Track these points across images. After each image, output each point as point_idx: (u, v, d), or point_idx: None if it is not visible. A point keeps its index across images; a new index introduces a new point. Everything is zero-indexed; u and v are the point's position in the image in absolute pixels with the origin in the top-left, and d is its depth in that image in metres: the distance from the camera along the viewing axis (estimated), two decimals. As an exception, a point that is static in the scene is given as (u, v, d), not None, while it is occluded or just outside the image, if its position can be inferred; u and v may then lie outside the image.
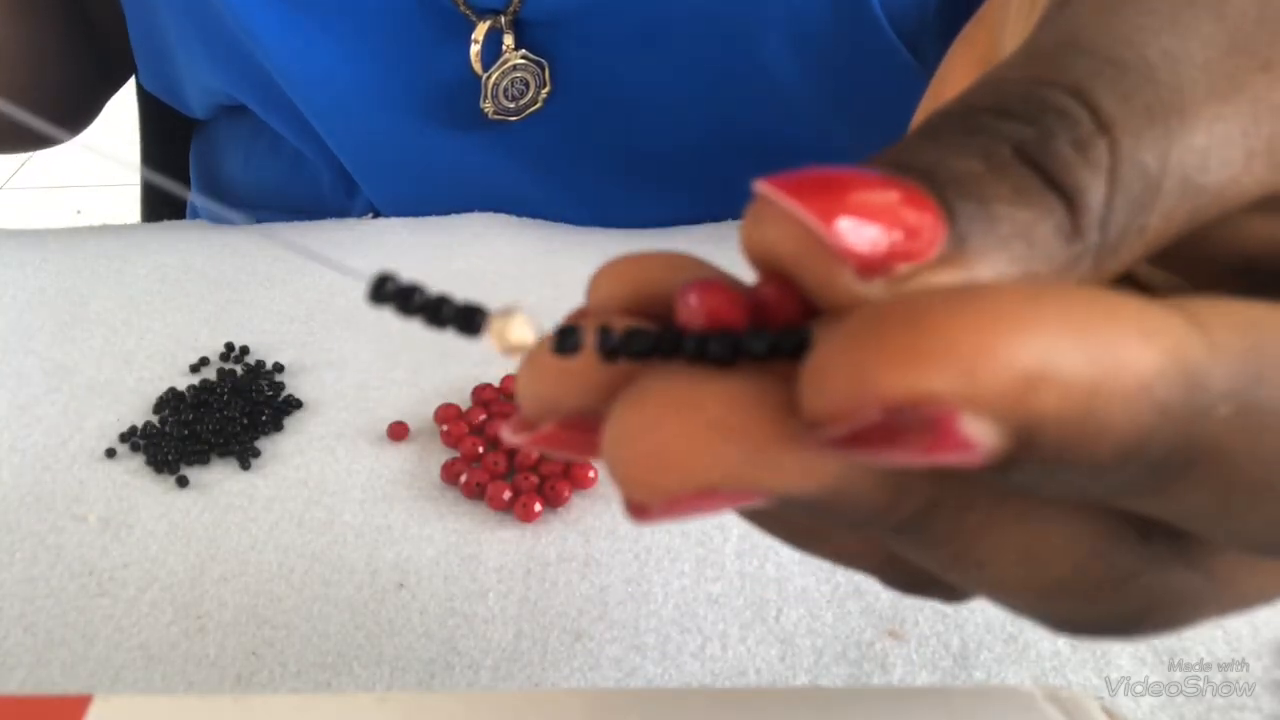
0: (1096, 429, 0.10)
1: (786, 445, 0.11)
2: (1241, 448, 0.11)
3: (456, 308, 0.12)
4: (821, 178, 0.11)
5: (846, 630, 0.28)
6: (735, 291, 0.12)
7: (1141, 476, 0.11)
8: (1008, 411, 0.10)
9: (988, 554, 0.13)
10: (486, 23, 0.40)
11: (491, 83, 0.41)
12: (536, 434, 0.13)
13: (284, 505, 0.33)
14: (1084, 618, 0.14)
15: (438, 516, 0.32)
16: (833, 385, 0.10)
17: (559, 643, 0.29)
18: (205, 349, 0.39)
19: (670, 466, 0.11)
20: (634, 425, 0.11)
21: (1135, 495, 0.11)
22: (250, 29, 0.41)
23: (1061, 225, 0.12)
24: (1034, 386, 0.10)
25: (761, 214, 0.12)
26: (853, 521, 0.12)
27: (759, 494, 0.11)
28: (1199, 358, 0.10)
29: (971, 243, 0.11)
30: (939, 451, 0.10)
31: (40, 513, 0.33)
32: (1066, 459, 0.10)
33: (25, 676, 0.28)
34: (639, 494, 0.11)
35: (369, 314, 0.41)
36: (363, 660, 0.28)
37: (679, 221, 0.47)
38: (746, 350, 0.11)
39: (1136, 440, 0.10)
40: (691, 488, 0.11)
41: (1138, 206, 0.12)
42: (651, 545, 0.31)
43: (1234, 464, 0.11)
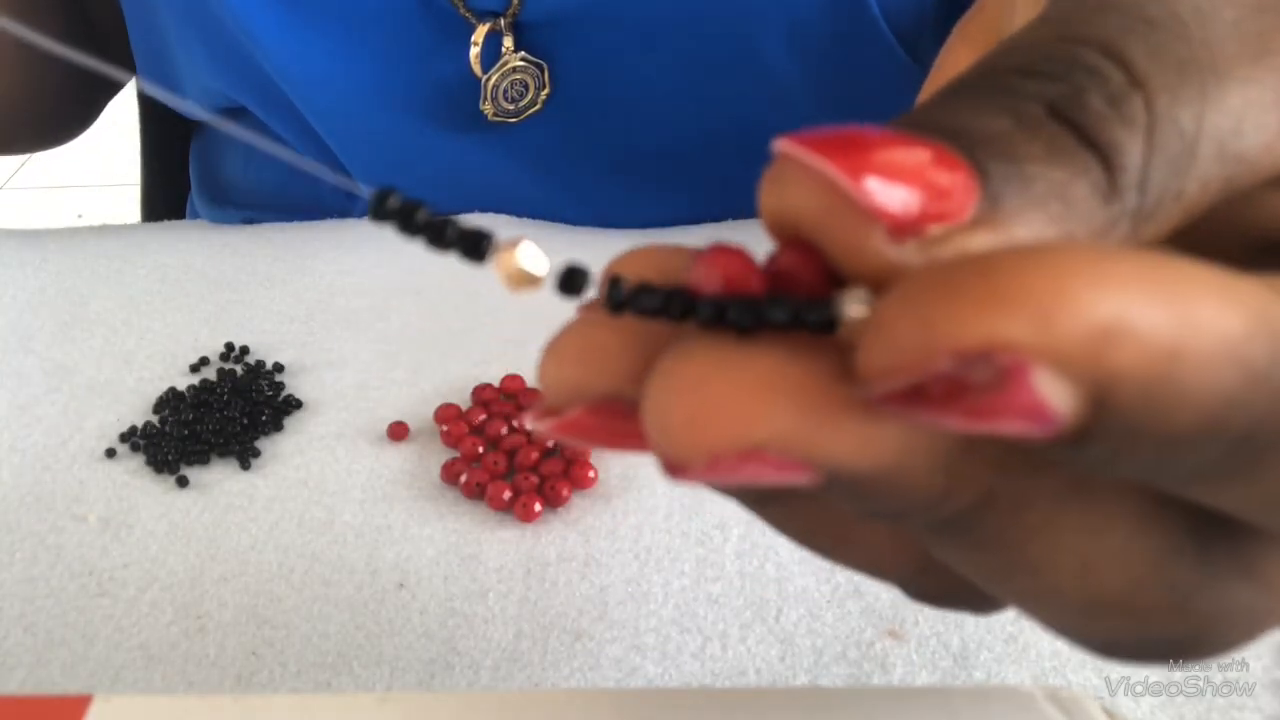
0: (1178, 393, 0.09)
1: (843, 411, 0.10)
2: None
3: (461, 229, 0.11)
4: (847, 135, 0.11)
5: (846, 630, 0.28)
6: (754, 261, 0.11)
7: (1220, 456, 0.10)
8: (1085, 367, 0.09)
9: (1042, 560, 0.12)
10: (486, 25, 0.40)
11: (491, 84, 0.41)
12: (562, 420, 0.12)
13: (284, 505, 0.33)
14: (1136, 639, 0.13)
15: (438, 516, 0.32)
16: (900, 333, 0.10)
17: (559, 643, 0.29)
18: (205, 349, 0.39)
19: (717, 421, 0.10)
20: (681, 378, 0.11)
21: (1212, 479, 0.11)
22: (250, 31, 0.41)
23: (1099, 184, 0.11)
24: (1112, 341, 0.09)
25: (783, 174, 0.11)
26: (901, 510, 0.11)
27: (806, 466, 0.11)
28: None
29: (1006, 203, 0.11)
30: (1011, 415, 0.09)
31: (40, 513, 0.33)
32: (1145, 428, 0.10)
33: (25, 676, 0.28)
34: (680, 450, 0.11)
35: (369, 314, 0.41)
36: (363, 660, 0.28)
37: (679, 222, 0.47)
38: (767, 318, 0.11)
39: (1220, 409, 0.10)
40: (737, 446, 0.10)
41: (1175, 168, 0.11)
42: (651, 545, 0.31)
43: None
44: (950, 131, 0.11)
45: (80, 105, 0.53)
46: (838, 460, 0.11)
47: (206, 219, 0.52)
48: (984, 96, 0.11)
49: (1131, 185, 0.11)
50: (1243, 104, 0.12)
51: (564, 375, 0.12)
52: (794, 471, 0.11)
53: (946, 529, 0.12)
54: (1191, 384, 0.09)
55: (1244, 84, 0.12)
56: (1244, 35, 0.12)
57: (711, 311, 0.11)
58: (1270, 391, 0.10)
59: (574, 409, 0.12)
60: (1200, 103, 0.11)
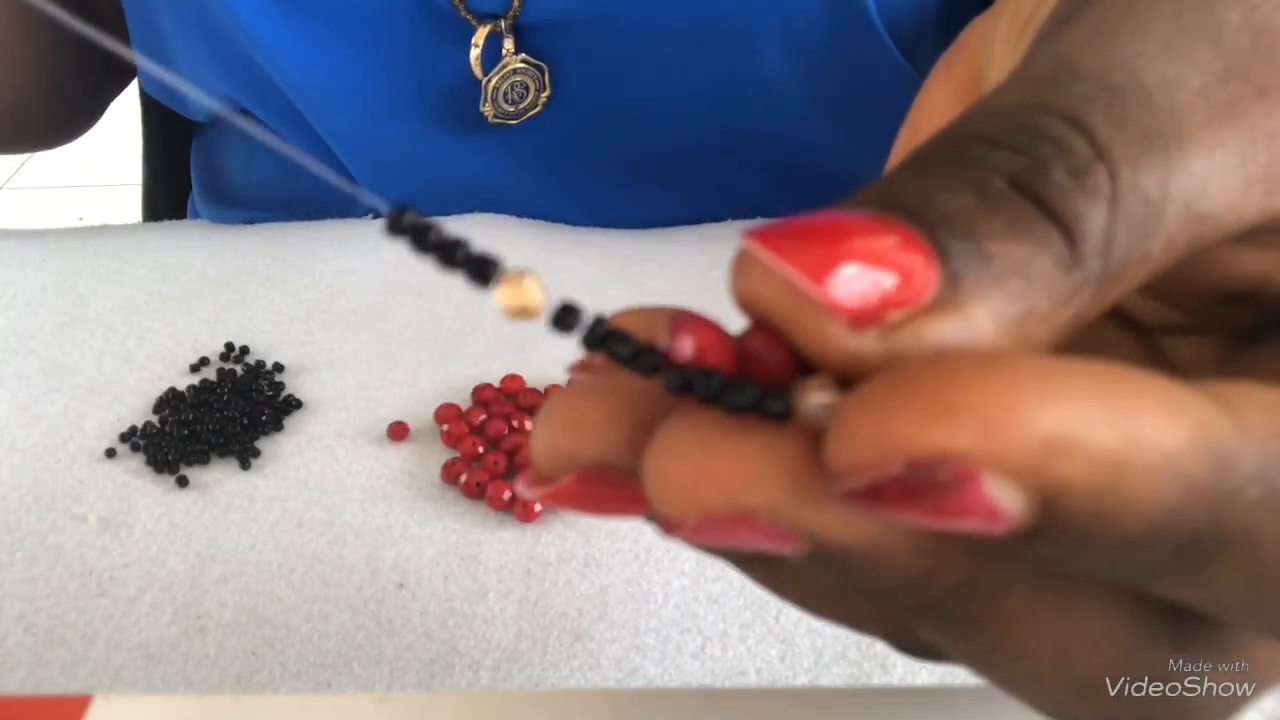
0: (1121, 503, 0.10)
1: None
2: (1272, 533, 0.11)
3: (471, 253, 0.11)
4: (807, 228, 0.11)
5: (846, 631, 0.28)
6: (727, 336, 0.12)
7: (1169, 557, 0.11)
8: (1031, 476, 0.10)
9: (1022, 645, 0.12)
10: (486, 27, 0.40)
11: (491, 86, 0.41)
12: (554, 487, 0.13)
13: (284, 505, 0.33)
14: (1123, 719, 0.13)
15: (438, 516, 0.32)
16: (857, 436, 0.10)
17: (559, 643, 0.29)
18: (205, 349, 0.39)
19: (713, 483, 0.11)
20: (682, 444, 0.11)
21: (1164, 578, 0.11)
22: (251, 34, 0.41)
23: (1060, 256, 0.11)
24: (1058, 453, 0.10)
25: (748, 266, 0.12)
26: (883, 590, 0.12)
27: (794, 536, 0.11)
28: (1227, 438, 0.10)
29: (965, 282, 0.11)
30: (963, 515, 0.10)
31: (40, 513, 0.33)
32: (1091, 533, 0.10)
33: (25, 676, 0.28)
34: (677, 509, 0.11)
35: (369, 314, 0.41)
36: (363, 660, 0.28)
37: (678, 222, 0.47)
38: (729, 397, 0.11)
39: (1163, 517, 0.10)
40: (729, 508, 0.11)
41: (1140, 233, 0.12)
42: (651, 545, 0.31)
43: (1264, 549, 0.11)
44: (912, 209, 0.11)
45: (83, 104, 0.53)
46: (822, 533, 0.11)
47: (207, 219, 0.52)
48: (947, 168, 0.12)
49: (1094, 253, 0.11)
50: (1208, 167, 0.12)
51: (555, 444, 0.13)
52: (781, 540, 0.11)
53: (927, 612, 0.12)
54: (1135, 494, 0.10)
55: (1209, 148, 0.12)
56: (1210, 102, 0.12)
57: (678, 379, 0.11)
58: (1211, 503, 0.10)
59: (564, 476, 0.13)
60: (1165, 169, 0.12)
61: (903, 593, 0.12)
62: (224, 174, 0.55)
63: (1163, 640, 0.13)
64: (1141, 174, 0.12)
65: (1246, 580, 0.11)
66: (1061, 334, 0.12)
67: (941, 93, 0.19)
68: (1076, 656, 0.13)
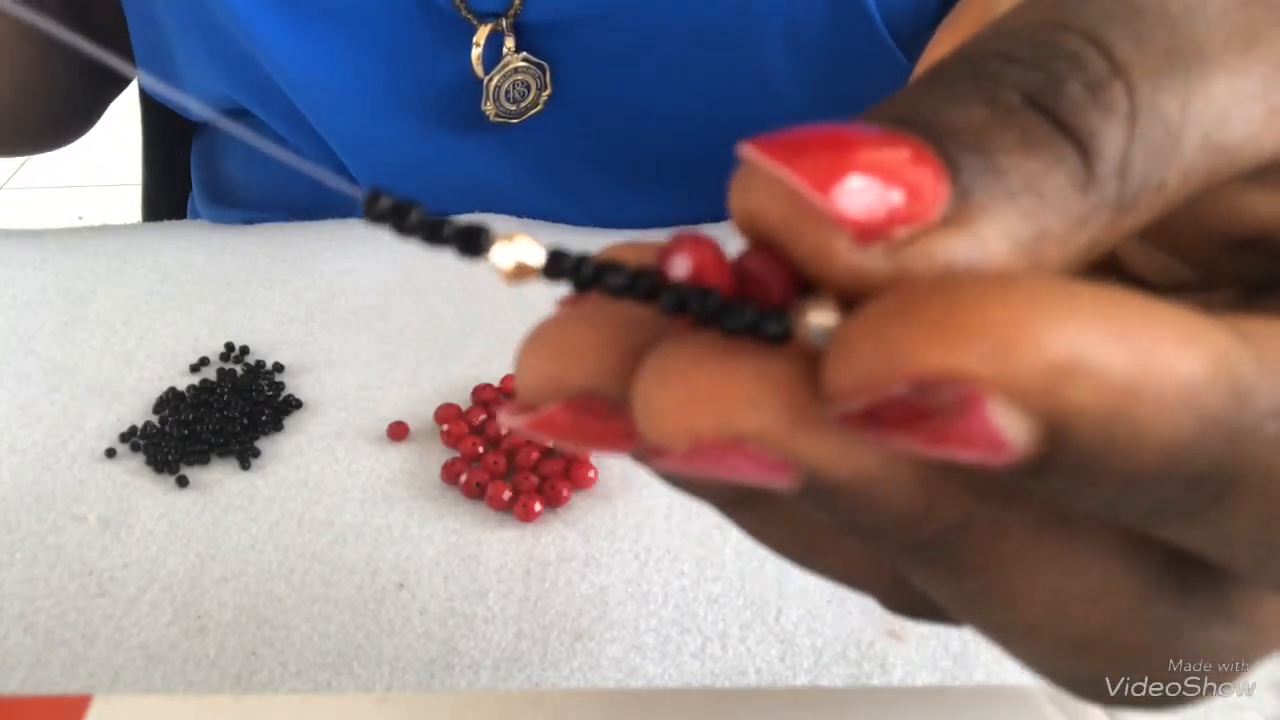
0: (1134, 433, 0.10)
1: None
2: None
3: (458, 227, 0.11)
4: (812, 137, 0.11)
5: (846, 630, 0.28)
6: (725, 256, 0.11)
7: (1180, 494, 0.10)
8: (1039, 401, 0.09)
9: (1018, 591, 0.12)
10: (488, 26, 0.40)
11: (493, 85, 0.41)
12: (537, 416, 0.12)
13: (284, 505, 0.33)
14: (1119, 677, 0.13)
15: (438, 516, 0.32)
16: (860, 356, 0.10)
17: (559, 643, 0.29)
18: (205, 349, 0.39)
19: (704, 406, 0.10)
20: (672, 365, 0.11)
21: (1174, 518, 0.11)
22: (251, 33, 0.41)
23: (1075, 174, 0.11)
24: (1068, 376, 0.09)
25: (748, 180, 0.11)
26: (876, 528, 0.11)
27: (787, 466, 0.11)
28: (1247, 371, 0.10)
29: (976, 198, 0.11)
30: (965, 442, 0.10)
31: (40, 513, 0.33)
32: (1099, 465, 0.10)
33: (25, 676, 0.28)
34: (665, 433, 0.11)
35: (369, 314, 0.41)
36: (363, 660, 0.28)
37: (679, 222, 0.47)
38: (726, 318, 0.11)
39: (1176, 450, 0.10)
40: (721, 434, 0.10)
41: (1158, 157, 0.11)
42: (651, 545, 0.31)
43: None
44: (922, 123, 0.11)
45: (82, 106, 0.53)
46: (817, 464, 0.11)
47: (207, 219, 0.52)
48: (960, 84, 0.11)
49: (1110, 174, 0.11)
50: (1229, 94, 0.12)
51: (541, 370, 0.12)
52: (774, 471, 0.11)
53: (922, 553, 0.12)
54: (1147, 424, 0.10)
55: (1231, 74, 0.12)
56: (1232, 26, 0.12)
57: (674, 299, 0.11)
58: (1226, 437, 0.10)
59: (550, 405, 0.12)
60: (1185, 91, 0.11)
61: (897, 531, 0.11)
62: (224, 174, 0.55)
63: (1167, 598, 0.12)
64: (1161, 93, 0.11)
65: (1260, 521, 0.11)
66: (1074, 261, 0.11)
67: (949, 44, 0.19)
68: (1075, 608, 0.12)
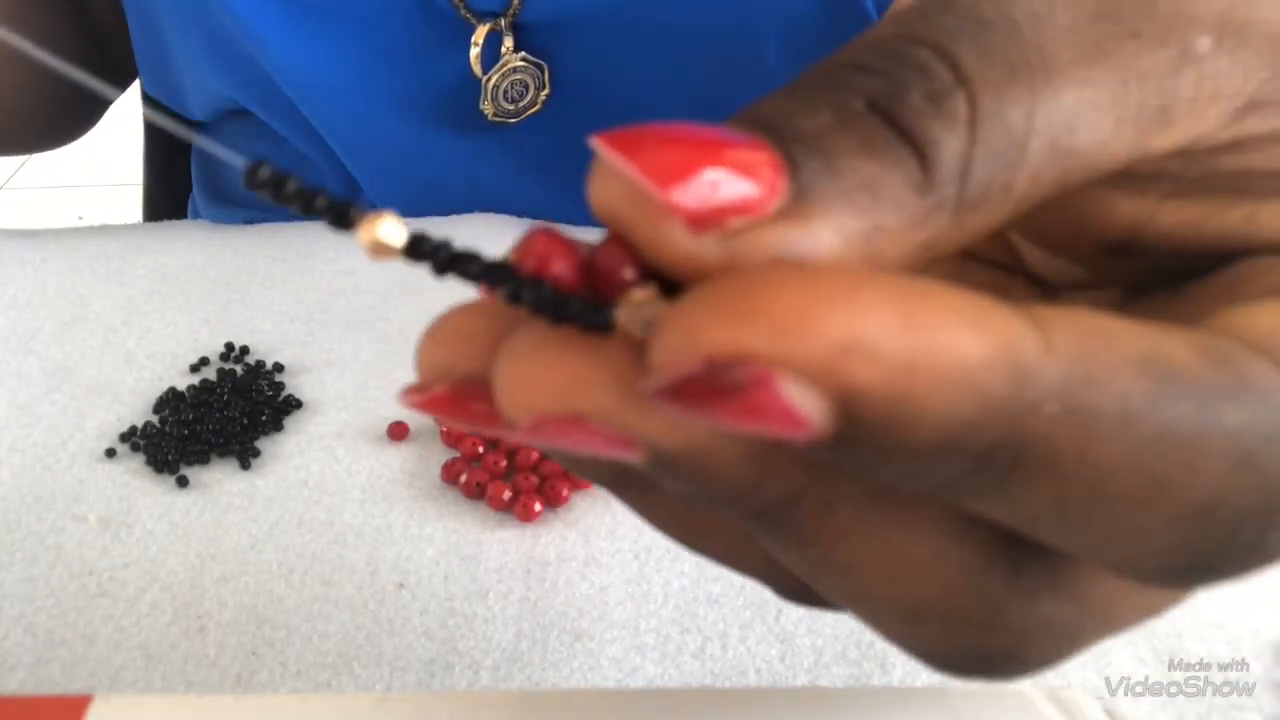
0: (913, 410, 0.10)
1: None
2: (1069, 448, 0.11)
3: (330, 200, 0.12)
4: (656, 133, 0.11)
5: (846, 630, 0.28)
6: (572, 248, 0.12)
7: (970, 470, 0.11)
8: (824, 378, 0.10)
9: (852, 560, 0.13)
10: (486, 26, 0.40)
11: (491, 85, 0.41)
12: (425, 395, 0.13)
13: (284, 505, 0.33)
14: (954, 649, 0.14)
15: (438, 516, 0.32)
16: (668, 337, 0.11)
17: (559, 643, 0.29)
18: (205, 349, 0.39)
19: (543, 384, 0.11)
20: (522, 346, 0.12)
21: (970, 492, 0.11)
22: (252, 34, 0.41)
23: (911, 176, 0.11)
24: (850, 355, 0.10)
25: (598, 171, 0.12)
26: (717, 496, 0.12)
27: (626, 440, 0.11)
28: (1030, 352, 0.10)
29: (813, 194, 0.11)
30: (761, 417, 0.10)
31: (40, 513, 0.33)
32: (888, 440, 0.10)
33: (25, 676, 0.28)
34: (512, 407, 0.12)
35: (369, 314, 0.41)
36: (363, 660, 0.28)
37: None
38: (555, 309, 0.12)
39: (954, 426, 0.10)
40: (559, 409, 0.11)
41: (1002, 162, 0.12)
42: (651, 545, 0.31)
43: (1063, 465, 0.11)
44: (770, 125, 0.12)
45: (84, 106, 0.53)
46: (650, 437, 0.11)
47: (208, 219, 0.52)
48: (812, 91, 0.12)
49: (949, 178, 0.12)
50: (1076, 103, 0.12)
51: (434, 355, 0.13)
52: (619, 445, 0.11)
53: (763, 521, 0.13)
54: (927, 403, 0.10)
55: (1078, 84, 0.12)
56: (1080, 39, 0.12)
57: (511, 289, 0.12)
58: (1007, 416, 0.10)
59: (438, 386, 0.13)
60: (1030, 100, 0.12)
61: (735, 501, 0.12)
62: (224, 174, 0.55)
63: (1000, 572, 0.13)
64: (1005, 103, 0.12)
65: (1051, 497, 0.11)
66: (917, 257, 0.12)
67: None
68: (908, 578, 0.13)
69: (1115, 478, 0.11)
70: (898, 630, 0.14)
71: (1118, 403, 0.11)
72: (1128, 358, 0.11)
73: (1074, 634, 0.14)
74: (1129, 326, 0.11)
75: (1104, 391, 0.11)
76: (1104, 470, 0.11)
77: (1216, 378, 0.11)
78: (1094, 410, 0.11)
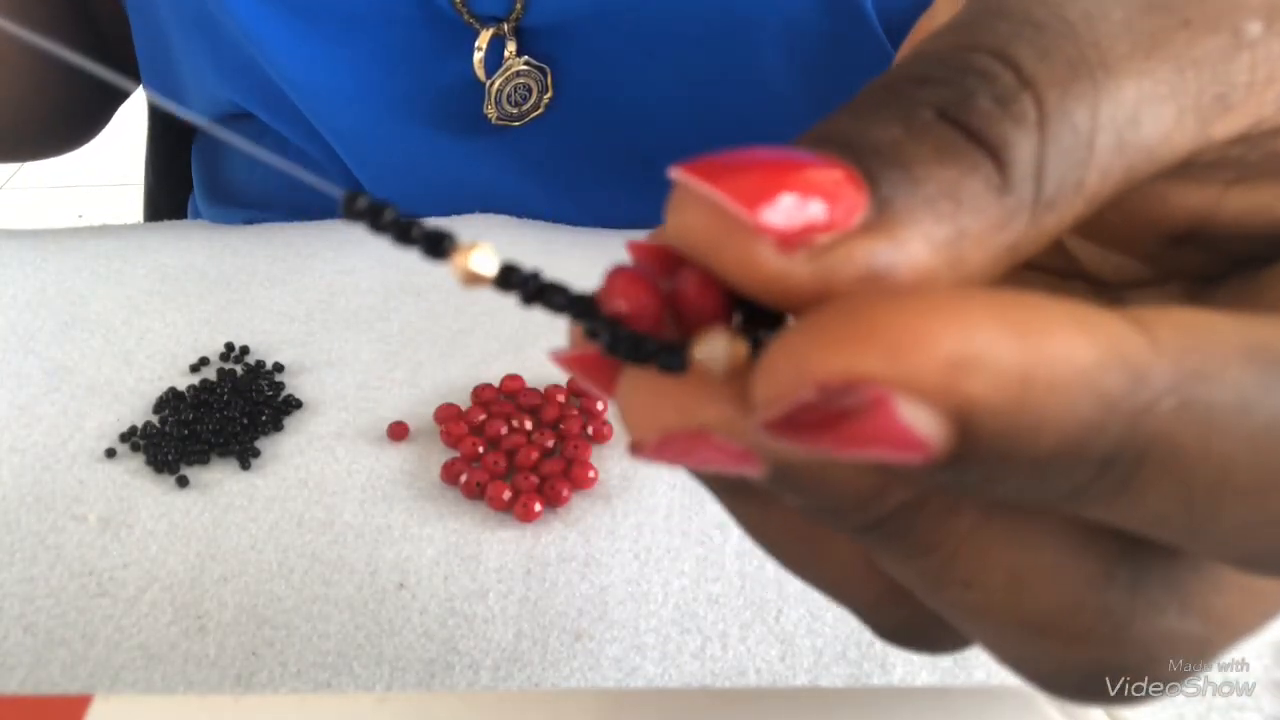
0: (1035, 418, 0.10)
1: None
2: (1191, 444, 0.11)
3: (425, 230, 0.12)
4: (736, 160, 0.12)
5: (846, 630, 0.28)
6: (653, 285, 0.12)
7: (1093, 475, 0.11)
8: (940, 396, 0.10)
9: (973, 570, 0.13)
10: (489, 30, 0.40)
11: (495, 89, 0.41)
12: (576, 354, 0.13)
13: (284, 505, 0.33)
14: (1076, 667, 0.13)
15: (438, 516, 0.32)
16: (777, 367, 0.11)
17: (559, 643, 0.29)
18: (205, 349, 0.39)
19: (669, 402, 0.12)
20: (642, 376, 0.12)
21: (1093, 500, 0.11)
22: (254, 37, 0.41)
23: (990, 179, 0.12)
24: (964, 370, 0.10)
25: (680, 200, 0.12)
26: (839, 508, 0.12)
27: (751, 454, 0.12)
28: (1140, 352, 0.10)
29: (896, 205, 0.11)
30: (879, 440, 0.10)
31: (40, 513, 0.33)
32: (1009, 452, 0.10)
33: (25, 676, 0.28)
34: (639, 427, 0.12)
35: (369, 314, 0.41)
36: (363, 660, 0.28)
37: None
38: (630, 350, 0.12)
39: (1078, 431, 0.10)
40: (686, 424, 0.12)
41: (1072, 160, 0.12)
42: (651, 545, 0.31)
43: (1186, 460, 0.11)
44: (842, 142, 0.12)
45: (87, 113, 0.53)
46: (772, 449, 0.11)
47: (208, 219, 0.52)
48: (879, 107, 0.12)
49: (1025, 178, 0.12)
50: (1137, 96, 0.12)
51: None
52: (741, 459, 0.12)
53: (883, 532, 0.13)
54: (1047, 410, 0.10)
55: (1137, 77, 0.12)
56: (1134, 33, 0.12)
57: (589, 328, 0.12)
58: (1127, 415, 0.10)
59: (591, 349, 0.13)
60: (1093, 97, 0.12)
61: (855, 510, 0.12)
62: (225, 174, 0.55)
63: (1122, 583, 0.13)
64: (1069, 101, 0.12)
65: (1177, 494, 0.11)
66: (1001, 261, 0.12)
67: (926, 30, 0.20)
68: (1029, 589, 0.13)
69: (1239, 468, 0.11)
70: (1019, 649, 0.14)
71: (1233, 393, 0.11)
72: (1234, 349, 0.11)
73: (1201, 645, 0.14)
74: (1228, 319, 0.11)
75: (1217, 383, 0.11)
76: (1227, 462, 0.11)
77: None
78: (1210, 403, 0.11)
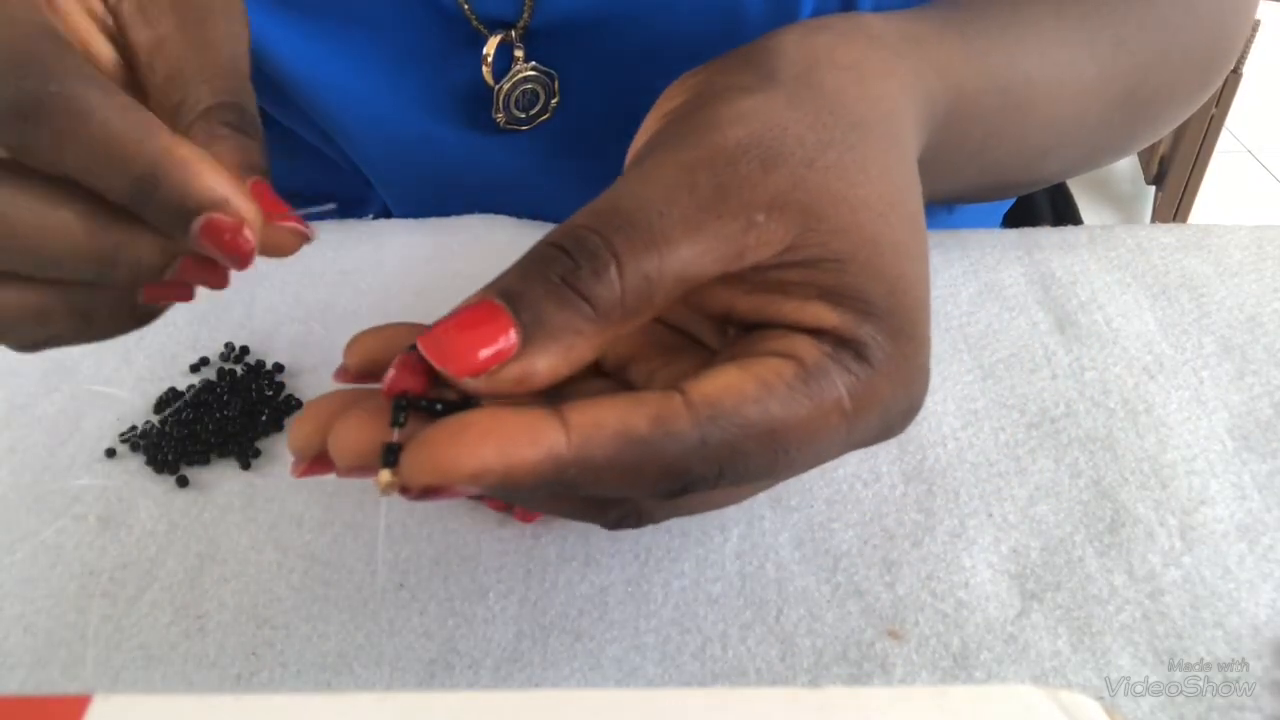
0: (518, 482, 0.20)
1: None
2: (583, 485, 0.21)
3: None
4: (448, 329, 0.21)
5: (846, 630, 0.28)
6: (423, 371, 0.22)
7: (555, 488, 0.21)
8: (480, 480, 0.20)
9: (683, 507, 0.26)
10: (498, 35, 0.40)
11: (503, 93, 0.41)
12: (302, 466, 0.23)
13: (284, 505, 0.33)
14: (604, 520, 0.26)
15: (438, 516, 0.32)
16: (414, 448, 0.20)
17: (559, 643, 0.29)
18: (205, 349, 0.39)
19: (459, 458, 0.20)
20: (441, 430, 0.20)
21: (567, 491, 0.21)
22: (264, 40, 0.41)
23: (588, 314, 0.21)
24: (479, 478, 0.20)
25: (425, 347, 0.21)
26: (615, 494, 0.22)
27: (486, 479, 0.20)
28: (560, 449, 0.20)
29: (530, 339, 0.21)
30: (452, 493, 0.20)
31: (40, 513, 0.33)
32: (522, 489, 0.20)
33: (25, 676, 0.28)
34: (433, 478, 0.20)
35: (369, 314, 0.41)
36: (363, 660, 0.28)
37: None
38: (423, 410, 0.21)
39: (537, 483, 0.20)
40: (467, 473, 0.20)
41: (646, 292, 0.22)
42: (651, 545, 0.31)
43: (604, 488, 0.21)
44: (506, 296, 0.21)
45: None
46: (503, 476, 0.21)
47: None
48: (529, 272, 0.22)
49: (612, 309, 0.22)
50: (690, 251, 0.22)
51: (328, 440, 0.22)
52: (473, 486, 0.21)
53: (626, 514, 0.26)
54: (523, 479, 0.20)
55: (690, 245, 0.22)
56: (688, 223, 0.22)
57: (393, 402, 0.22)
58: (552, 477, 0.20)
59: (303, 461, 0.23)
60: (659, 260, 0.22)
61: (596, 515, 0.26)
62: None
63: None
64: (641, 263, 0.22)
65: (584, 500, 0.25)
66: (603, 347, 0.22)
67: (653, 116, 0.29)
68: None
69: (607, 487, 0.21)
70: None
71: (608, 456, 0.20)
72: (612, 431, 0.20)
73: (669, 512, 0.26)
74: (615, 412, 0.21)
75: (585, 467, 0.20)
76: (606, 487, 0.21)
77: (659, 431, 0.21)
78: (587, 472, 0.20)
